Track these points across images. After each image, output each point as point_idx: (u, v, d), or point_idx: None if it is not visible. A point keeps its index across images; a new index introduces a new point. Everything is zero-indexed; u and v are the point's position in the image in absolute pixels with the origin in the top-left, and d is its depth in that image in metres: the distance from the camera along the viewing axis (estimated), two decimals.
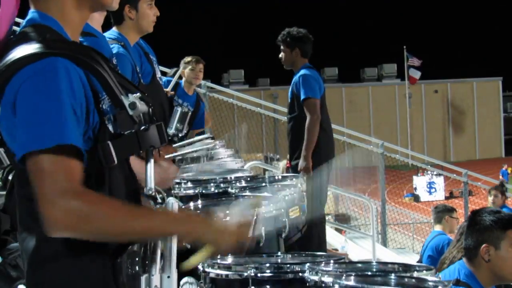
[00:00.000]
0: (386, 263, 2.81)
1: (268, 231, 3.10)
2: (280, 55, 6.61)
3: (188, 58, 7.21)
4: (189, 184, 3.69)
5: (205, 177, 4.10)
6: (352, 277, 2.35)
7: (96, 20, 3.55)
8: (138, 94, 1.90)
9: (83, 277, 1.86)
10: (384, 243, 12.57)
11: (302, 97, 6.32)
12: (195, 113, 7.07)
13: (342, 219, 14.56)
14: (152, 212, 1.89)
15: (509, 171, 31.41)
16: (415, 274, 2.54)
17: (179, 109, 2.82)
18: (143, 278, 1.88)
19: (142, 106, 1.88)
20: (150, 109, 1.93)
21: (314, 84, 6.39)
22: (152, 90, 4.47)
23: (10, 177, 2.12)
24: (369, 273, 2.60)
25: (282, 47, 6.59)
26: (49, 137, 1.74)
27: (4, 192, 2.43)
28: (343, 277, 2.35)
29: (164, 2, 4.53)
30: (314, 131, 6.25)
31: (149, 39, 4.69)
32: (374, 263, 2.86)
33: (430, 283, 2.39)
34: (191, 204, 3.31)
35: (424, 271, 2.56)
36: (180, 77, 7.35)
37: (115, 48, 4.11)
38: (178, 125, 2.78)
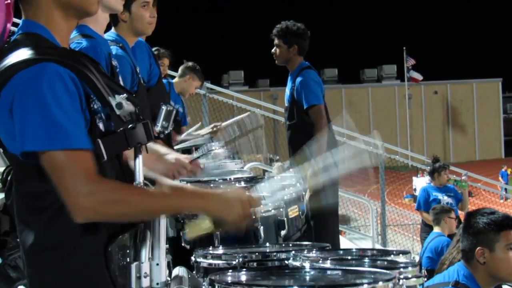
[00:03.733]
0: (365, 249, 2.94)
1: (267, 229, 3.13)
2: (273, 50, 6.07)
3: (189, 64, 7.20)
4: (189, 185, 3.70)
5: (205, 178, 4.11)
6: (328, 261, 2.54)
7: (99, 23, 3.56)
8: (124, 95, 2.01)
9: (77, 267, 1.97)
10: (384, 244, 12.57)
11: (306, 105, 5.84)
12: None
13: (342, 220, 14.52)
14: (167, 192, 2.08)
15: (508, 172, 31.40)
16: (391, 257, 2.70)
17: (164, 107, 2.84)
18: (133, 266, 1.99)
19: (128, 106, 2.00)
20: (137, 109, 2.05)
21: (316, 88, 5.95)
22: (158, 91, 4.49)
23: (10, 178, 2.18)
24: (347, 257, 2.78)
25: (277, 42, 6.03)
26: (60, 139, 1.89)
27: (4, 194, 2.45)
28: (320, 261, 2.53)
29: (164, 2, 4.52)
30: (324, 138, 5.70)
31: (148, 40, 4.69)
32: (354, 249, 3.01)
33: (401, 264, 2.54)
34: None
35: (400, 255, 2.71)
36: (172, 77, 7.38)
37: (113, 49, 4.10)
38: (164, 123, 2.82)
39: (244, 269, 2.47)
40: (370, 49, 71.66)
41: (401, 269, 2.43)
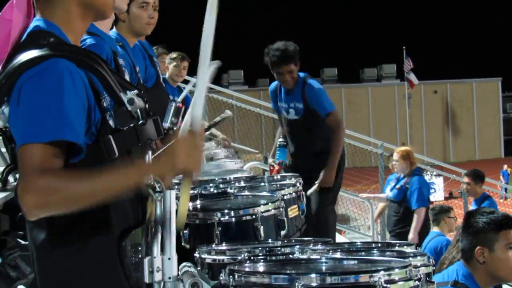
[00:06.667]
0: (370, 242, 2.94)
1: (266, 229, 3.13)
2: (287, 78, 6.03)
3: (173, 55, 7.18)
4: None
5: (204, 177, 4.11)
6: (338, 252, 2.55)
7: (104, 24, 3.57)
8: (135, 91, 2.03)
9: (91, 262, 2.00)
10: None
11: (325, 113, 6.01)
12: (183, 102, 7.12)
13: (342, 220, 14.50)
14: (112, 170, 1.96)
15: (509, 171, 31.39)
16: (396, 248, 2.70)
17: (173, 103, 2.85)
18: (146, 261, 2.01)
19: (139, 102, 2.02)
20: (147, 105, 2.06)
21: (326, 95, 6.15)
22: (156, 93, 4.48)
23: (10, 177, 2.19)
24: (354, 248, 2.78)
25: (291, 68, 5.99)
26: (45, 132, 1.87)
27: (4, 193, 2.45)
28: (330, 252, 2.53)
29: (163, 1, 4.52)
30: (342, 143, 6.19)
31: (147, 39, 4.69)
32: (359, 242, 3.00)
33: (410, 254, 2.53)
34: (190, 204, 3.32)
35: (405, 246, 2.72)
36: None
37: None
38: (173, 119, 2.83)
39: (262, 261, 2.44)
40: (370, 48, 71.67)
41: (410, 258, 2.42)
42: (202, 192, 3.72)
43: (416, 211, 8.02)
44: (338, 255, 2.53)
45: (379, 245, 2.87)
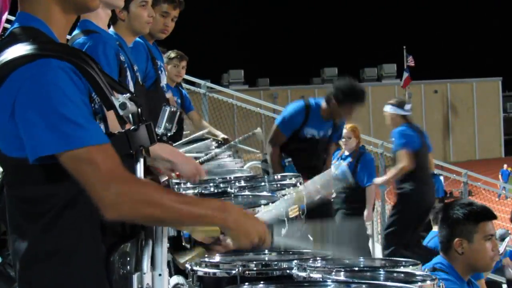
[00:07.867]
0: (373, 259, 2.83)
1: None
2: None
3: (172, 54, 7.16)
4: (189, 184, 3.70)
5: (204, 177, 4.09)
6: (342, 273, 2.38)
7: (101, 18, 3.55)
8: (127, 95, 1.91)
9: (75, 276, 1.87)
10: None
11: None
12: (182, 101, 7.13)
13: None
14: (198, 200, 1.99)
15: (509, 170, 31.38)
16: (402, 268, 2.56)
17: (168, 108, 2.79)
18: (135, 277, 1.90)
19: (132, 107, 1.90)
20: (139, 110, 1.94)
21: None
22: (153, 96, 4.47)
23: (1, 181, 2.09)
24: (357, 268, 2.62)
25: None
26: (78, 137, 1.77)
27: None
28: (333, 273, 2.36)
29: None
30: None
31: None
32: (361, 259, 2.85)
33: (419, 277, 2.40)
34: None
35: (410, 266, 2.59)
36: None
37: None
38: (167, 124, 2.75)
39: (261, 282, 2.33)
40: (370, 48, 71.65)
41: (419, 283, 2.32)
42: (202, 191, 3.71)
43: (368, 188, 8.26)
44: (342, 276, 2.36)
45: (383, 262, 2.74)
